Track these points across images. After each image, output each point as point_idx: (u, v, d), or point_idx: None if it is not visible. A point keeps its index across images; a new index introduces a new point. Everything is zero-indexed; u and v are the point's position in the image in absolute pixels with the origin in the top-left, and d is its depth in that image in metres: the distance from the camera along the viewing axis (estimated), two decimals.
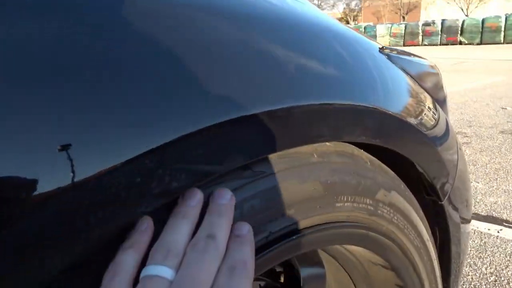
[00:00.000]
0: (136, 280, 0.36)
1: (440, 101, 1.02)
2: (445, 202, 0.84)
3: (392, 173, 0.70)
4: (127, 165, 0.34)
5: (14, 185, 0.30)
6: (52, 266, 0.33)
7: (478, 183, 2.90)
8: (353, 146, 0.64)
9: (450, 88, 6.69)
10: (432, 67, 1.04)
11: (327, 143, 0.59)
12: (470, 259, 2.08)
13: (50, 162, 0.31)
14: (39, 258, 0.32)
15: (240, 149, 0.44)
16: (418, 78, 0.92)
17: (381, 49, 0.79)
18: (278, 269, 0.79)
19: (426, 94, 0.90)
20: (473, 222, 2.36)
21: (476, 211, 2.51)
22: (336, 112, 0.53)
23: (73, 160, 0.32)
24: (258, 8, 0.54)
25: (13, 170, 0.30)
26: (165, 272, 0.35)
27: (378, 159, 0.70)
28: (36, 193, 0.30)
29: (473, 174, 3.05)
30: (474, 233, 2.29)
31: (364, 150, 0.68)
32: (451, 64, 11.54)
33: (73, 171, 0.32)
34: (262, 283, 0.75)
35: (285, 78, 0.48)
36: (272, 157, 0.50)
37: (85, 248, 0.34)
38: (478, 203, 2.63)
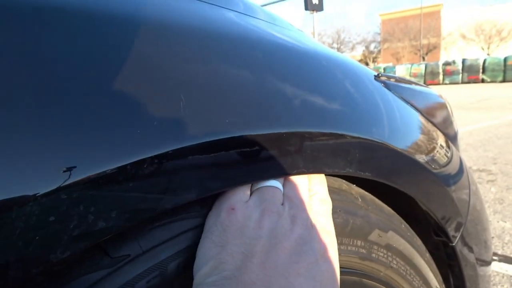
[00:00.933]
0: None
1: (450, 136, 0.94)
2: (457, 244, 0.74)
3: (390, 210, 0.62)
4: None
5: None
6: None
7: (506, 222, 2.71)
8: (342, 180, 0.57)
9: (473, 125, 6.52)
10: (439, 96, 0.97)
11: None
12: None
13: None
14: None
15: (192, 182, 0.38)
16: (425, 111, 0.85)
17: (377, 77, 0.74)
18: None
19: (437, 131, 0.82)
20: (502, 265, 2.17)
21: (504, 253, 2.32)
22: (313, 140, 0.47)
23: None
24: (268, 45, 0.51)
25: None
26: (279, 185, 0.44)
27: (380, 197, 0.63)
28: None
29: (499, 213, 2.85)
30: (503, 277, 2.10)
31: (364, 186, 0.61)
32: (474, 102, 11.33)
33: None
34: None
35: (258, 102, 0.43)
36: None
37: None
38: (507, 244, 2.44)
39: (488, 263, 0.89)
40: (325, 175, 0.54)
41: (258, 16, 0.65)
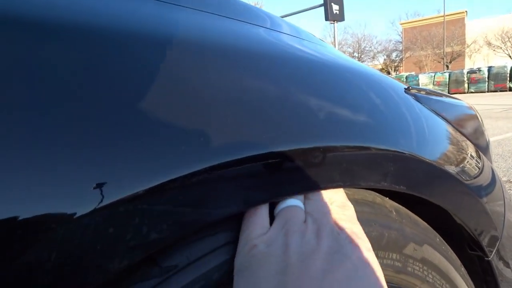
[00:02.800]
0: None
1: (482, 147, 0.93)
2: (493, 258, 0.73)
3: (425, 224, 0.62)
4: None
5: None
6: None
7: None
8: (376, 194, 0.58)
9: (502, 135, 6.34)
10: (469, 108, 0.96)
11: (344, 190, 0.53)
12: None
13: None
14: None
15: (236, 195, 0.39)
16: (455, 122, 0.85)
17: (407, 90, 0.74)
18: None
19: (467, 141, 0.82)
20: None
21: None
22: (349, 153, 0.48)
23: None
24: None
25: None
26: (299, 203, 0.45)
27: (413, 210, 0.63)
28: None
29: None
30: None
31: (395, 199, 0.62)
32: (502, 111, 11.05)
33: None
34: None
35: (291, 116, 0.44)
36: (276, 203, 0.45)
37: None
38: None
39: None
40: (359, 188, 0.55)
41: (284, 31, 0.67)
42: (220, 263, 0.39)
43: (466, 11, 48.45)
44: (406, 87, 0.76)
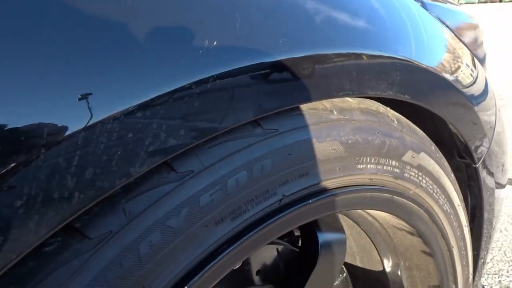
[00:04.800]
0: None
1: (479, 58, 0.93)
2: (479, 166, 0.77)
3: (422, 133, 0.64)
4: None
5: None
6: None
7: None
8: (379, 103, 0.58)
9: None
10: (471, 17, 0.94)
11: (349, 99, 0.53)
12: (501, 224, 2.00)
13: None
14: None
15: (248, 102, 0.39)
16: (456, 30, 0.83)
17: None
18: (297, 233, 0.76)
19: (464, 49, 0.81)
20: (507, 187, 2.25)
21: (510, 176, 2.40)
22: (358, 63, 0.47)
23: None
24: None
25: None
26: None
27: (407, 117, 0.64)
28: None
29: None
30: (507, 198, 2.19)
31: (392, 107, 0.62)
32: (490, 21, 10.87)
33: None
34: (280, 247, 0.72)
35: (293, 23, 0.43)
36: (285, 113, 0.45)
37: None
38: None
39: (503, 186, 0.93)
40: (365, 97, 0.55)
41: None
42: (234, 169, 0.40)
43: None
44: None
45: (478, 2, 24.21)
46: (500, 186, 0.92)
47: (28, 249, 0.29)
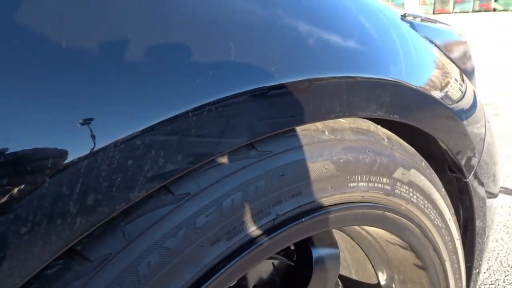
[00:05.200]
0: None
1: (468, 71, 0.95)
2: (470, 180, 0.79)
3: (412, 150, 0.66)
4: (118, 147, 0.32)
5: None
6: None
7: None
8: (370, 122, 0.60)
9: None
10: (460, 35, 0.96)
11: (340, 119, 0.55)
12: (497, 234, 2.01)
13: None
14: None
15: (243, 127, 0.41)
16: (444, 48, 0.85)
17: (403, 16, 0.74)
18: (293, 247, 0.77)
19: (452, 65, 0.84)
20: (501, 196, 2.27)
21: (504, 185, 2.42)
22: (349, 86, 0.49)
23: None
24: None
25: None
26: None
27: (398, 134, 0.66)
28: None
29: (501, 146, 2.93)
30: (502, 207, 2.21)
31: (383, 125, 0.64)
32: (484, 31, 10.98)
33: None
34: (276, 262, 0.74)
35: (288, 49, 0.45)
36: (279, 134, 0.46)
37: None
38: (508, 176, 2.53)
39: (495, 196, 0.94)
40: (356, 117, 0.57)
41: None
42: (229, 191, 0.42)
43: None
44: (403, 13, 0.75)
45: (472, 11, 24.48)
46: (492, 195, 0.94)
47: (32, 273, 0.31)
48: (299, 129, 0.49)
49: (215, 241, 0.41)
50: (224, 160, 0.43)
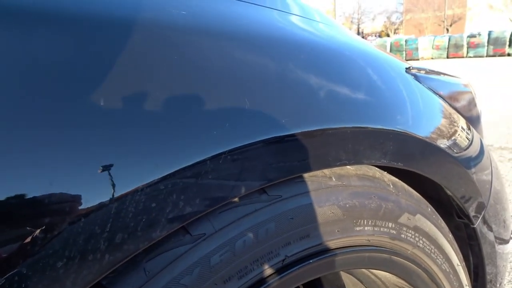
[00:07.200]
0: None
1: (473, 119, 0.99)
2: (477, 225, 0.81)
3: (418, 195, 0.69)
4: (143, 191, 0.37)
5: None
6: None
7: None
8: (375, 169, 0.64)
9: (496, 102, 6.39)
10: (465, 85, 1.01)
11: (347, 166, 0.59)
12: None
13: None
14: None
15: (255, 173, 0.45)
16: (449, 98, 0.90)
17: (408, 69, 0.79)
18: None
19: (458, 115, 0.87)
20: None
21: None
22: (354, 135, 0.53)
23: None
24: (292, 36, 0.57)
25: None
26: None
27: (405, 179, 0.69)
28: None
29: None
30: None
31: (389, 171, 0.68)
32: (499, 77, 11.03)
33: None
34: None
35: (298, 103, 0.49)
36: (289, 180, 0.50)
37: None
38: None
39: (506, 242, 0.95)
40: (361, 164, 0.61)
41: (293, 11, 0.71)
42: (241, 232, 0.45)
43: None
44: (407, 66, 0.80)
45: (487, 56, 24.65)
46: (503, 241, 0.94)
47: None
48: (307, 175, 0.53)
49: (227, 279, 0.44)
50: (238, 203, 0.47)
